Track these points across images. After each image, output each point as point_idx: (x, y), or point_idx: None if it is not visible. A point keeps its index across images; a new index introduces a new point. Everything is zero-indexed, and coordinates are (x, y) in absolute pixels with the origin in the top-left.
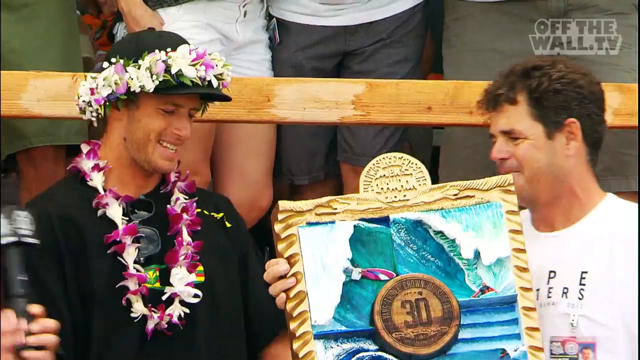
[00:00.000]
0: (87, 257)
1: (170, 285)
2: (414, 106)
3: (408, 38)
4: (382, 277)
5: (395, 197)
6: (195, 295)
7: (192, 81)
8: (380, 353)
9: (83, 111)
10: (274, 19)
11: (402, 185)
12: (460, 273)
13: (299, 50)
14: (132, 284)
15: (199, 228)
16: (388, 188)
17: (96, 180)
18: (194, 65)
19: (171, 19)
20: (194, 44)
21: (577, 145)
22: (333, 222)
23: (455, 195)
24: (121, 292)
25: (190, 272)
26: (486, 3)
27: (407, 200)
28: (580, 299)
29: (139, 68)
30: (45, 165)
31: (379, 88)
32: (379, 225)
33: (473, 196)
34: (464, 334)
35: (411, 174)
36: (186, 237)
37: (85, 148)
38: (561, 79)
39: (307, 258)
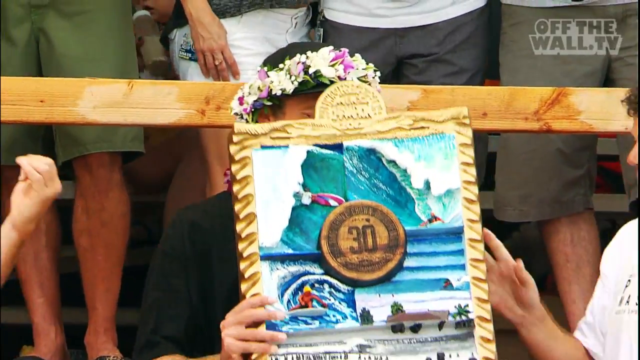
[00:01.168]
0: (212, 262)
1: None
2: (469, 112)
3: (463, 48)
4: (332, 202)
5: (350, 124)
6: None
7: (331, 81)
8: (325, 277)
9: None
10: (321, 28)
11: (357, 114)
12: (410, 202)
13: None
14: None
15: None
16: (344, 116)
17: None
18: (332, 65)
19: (233, 29)
20: (249, 55)
21: None
22: (287, 147)
23: (409, 125)
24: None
25: None
26: (543, 9)
27: (362, 128)
28: None
29: (279, 72)
30: (102, 171)
31: (434, 94)
32: (332, 152)
33: (427, 127)
34: (409, 262)
35: (367, 102)
36: None
37: None
38: None
39: (259, 181)
